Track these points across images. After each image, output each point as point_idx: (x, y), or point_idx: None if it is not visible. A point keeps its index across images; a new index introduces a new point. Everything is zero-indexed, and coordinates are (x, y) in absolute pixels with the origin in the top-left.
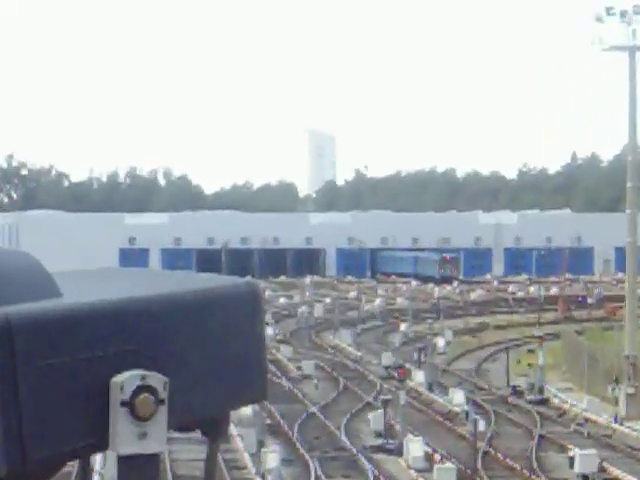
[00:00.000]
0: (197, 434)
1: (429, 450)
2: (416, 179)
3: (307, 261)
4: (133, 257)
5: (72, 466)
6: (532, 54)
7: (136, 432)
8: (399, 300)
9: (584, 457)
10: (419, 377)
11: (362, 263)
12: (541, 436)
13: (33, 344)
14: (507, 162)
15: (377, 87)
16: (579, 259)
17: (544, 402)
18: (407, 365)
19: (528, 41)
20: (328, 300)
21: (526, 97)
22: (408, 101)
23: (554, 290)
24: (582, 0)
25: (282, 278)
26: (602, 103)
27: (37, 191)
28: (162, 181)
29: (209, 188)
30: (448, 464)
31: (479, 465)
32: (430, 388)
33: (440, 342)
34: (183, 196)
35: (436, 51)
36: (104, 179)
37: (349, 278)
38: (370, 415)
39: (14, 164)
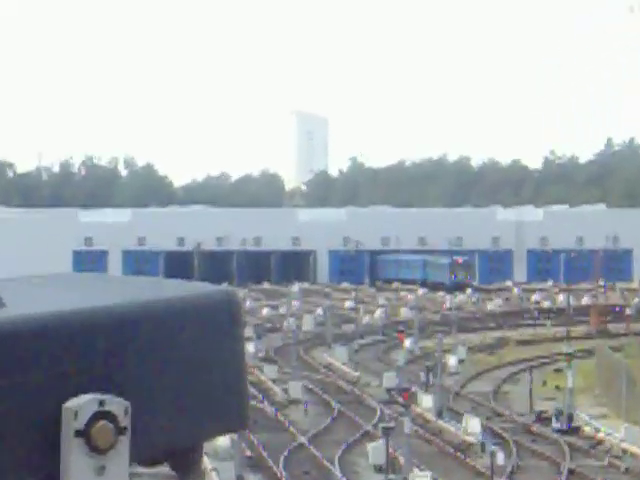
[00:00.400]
0: (165, 468)
1: None
2: (423, 169)
3: (295, 265)
4: (89, 260)
5: None
6: (561, 27)
7: (93, 466)
8: (403, 311)
9: None
10: (427, 402)
11: (360, 267)
12: (571, 471)
13: None
14: (530, 149)
15: (377, 62)
16: (616, 263)
17: (574, 431)
18: (413, 387)
19: (557, 14)
20: (319, 311)
21: (553, 75)
22: (413, 78)
23: (586, 299)
24: None
25: (265, 285)
26: None
27: None
28: (123, 171)
29: (179, 180)
30: None
31: None
32: (440, 414)
33: (452, 360)
34: (148, 189)
35: (445, 24)
36: (55, 169)
37: (344, 285)
38: (369, 446)
39: None
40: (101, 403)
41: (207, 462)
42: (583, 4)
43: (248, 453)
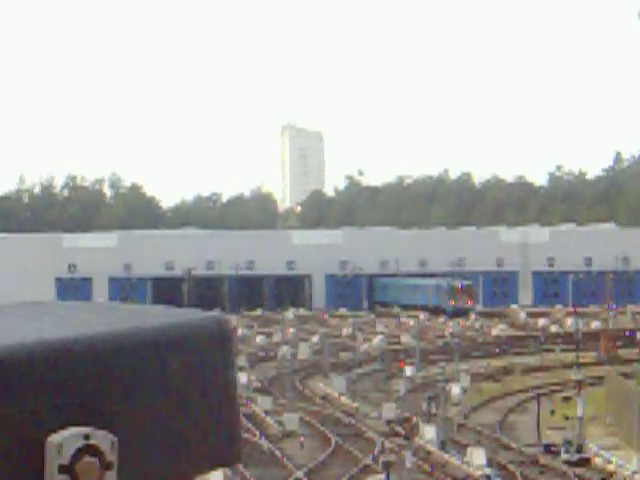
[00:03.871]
0: None
1: None
2: (423, 187)
3: (289, 290)
4: (73, 288)
5: None
6: (568, 39)
7: None
8: (404, 338)
9: None
10: (429, 433)
11: (357, 292)
12: None
13: None
14: (535, 165)
15: (374, 74)
16: (626, 285)
17: (584, 462)
18: (414, 418)
19: (568, 23)
20: (315, 338)
21: (559, 86)
22: (411, 91)
23: (596, 324)
24: None
25: (258, 312)
26: None
27: None
28: (109, 193)
29: (167, 201)
30: None
31: None
32: (443, 447)
33: (455, 389)
34: (135, 211)
35: (447, 35)
36: (37, 191)
37: (341, 311)
38: None
39: None
40: (86, 437)
41: None
42: (583, 7)
43: None
